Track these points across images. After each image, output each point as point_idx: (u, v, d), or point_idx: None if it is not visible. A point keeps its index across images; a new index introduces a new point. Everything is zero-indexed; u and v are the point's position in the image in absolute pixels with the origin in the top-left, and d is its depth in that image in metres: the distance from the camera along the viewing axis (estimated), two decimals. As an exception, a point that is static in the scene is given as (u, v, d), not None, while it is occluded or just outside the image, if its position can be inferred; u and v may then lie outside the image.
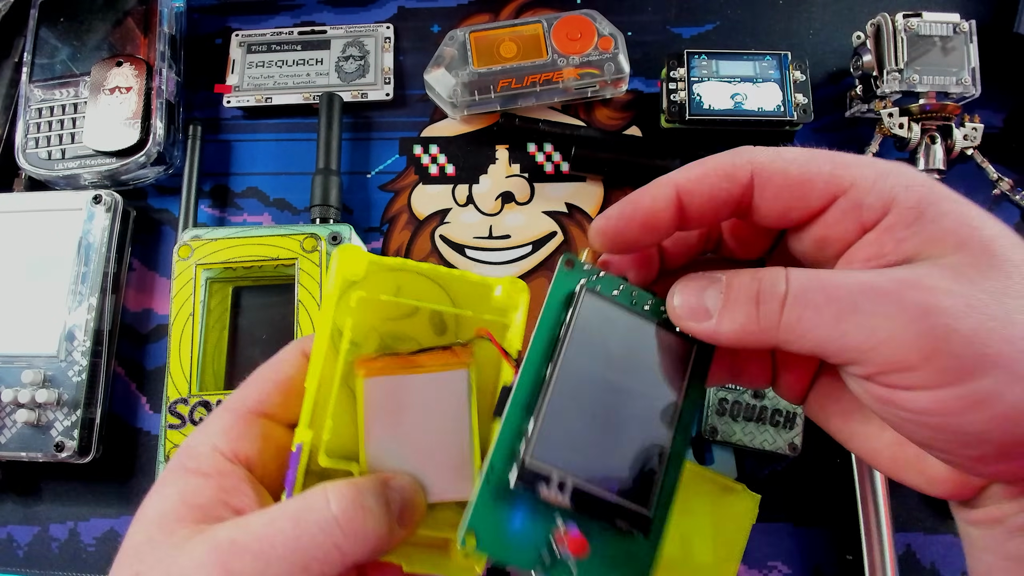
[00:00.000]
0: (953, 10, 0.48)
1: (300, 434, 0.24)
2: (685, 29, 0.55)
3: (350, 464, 0.24)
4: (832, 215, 0.22)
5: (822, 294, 0.20)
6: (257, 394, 0.25)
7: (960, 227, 0.21)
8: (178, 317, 0.43)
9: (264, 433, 0.24)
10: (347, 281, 0.25)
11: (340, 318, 0.25)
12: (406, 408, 0.25)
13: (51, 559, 0.46)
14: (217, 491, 0.22)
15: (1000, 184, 0.47)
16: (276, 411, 0.25)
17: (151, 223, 0.53)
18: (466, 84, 0.50)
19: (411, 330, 0.26)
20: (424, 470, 0.24)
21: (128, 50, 0.52)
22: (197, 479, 0.23)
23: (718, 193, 0.22)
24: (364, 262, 0.25)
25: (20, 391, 0.44)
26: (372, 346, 0.26)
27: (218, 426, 0.24)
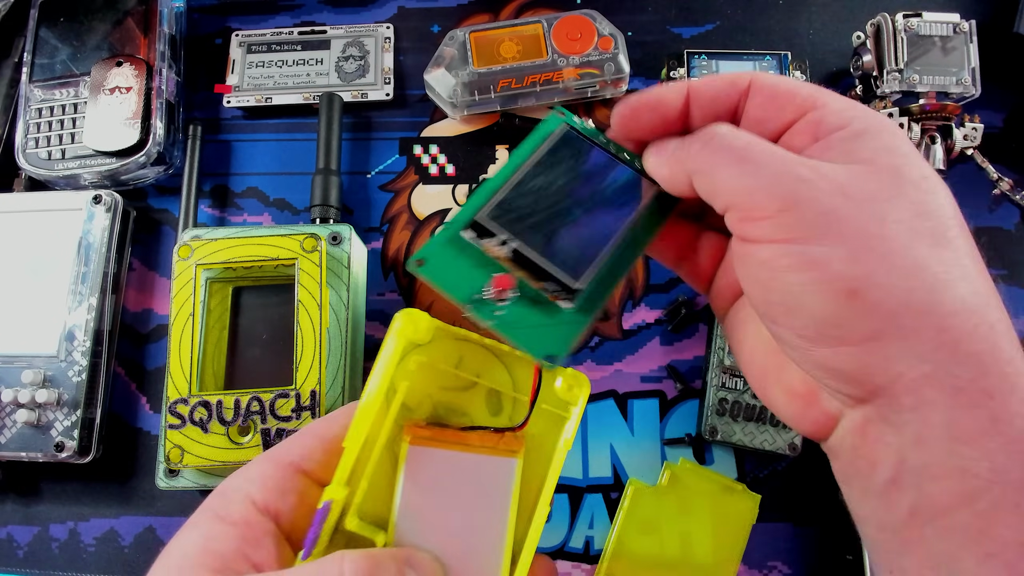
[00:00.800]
0: (953, 10, 0.48)
1: (331, 491, 0.23)
2: (685, 29, 0.55)
3: (378, 532, 0.24)
4: (798, 127, 0.24)
5: (730, 141, 0.24)
6: (301, 448, 0.25)
7: (884, 151, 0.23)
8: (178, 317, 0.43)
9: (301, 489, 0.24)
10: (411, 343, 0.24)
11: (396, 379, 0.24)
12: (446, 485, 0.24)
13: (51, 559, 0.46)
14: (240, 542, 0.22)
15: (1000, 184, 0.47)
16: (316, 469, 0.24)
17: (151, 223, 0.53)
18: (466, 84, 0.50)
19: (466, 404, 0.25)
20: (450, 554, 0.23)
21: (128, 50, 0.52)
22: (223, 527, 0.22)
23: (719, 94, 0.26)
24: (431, 327, 0.24)
25: (20, 391, 0.44)
26: (424, 413, 0.25)
27: (255, 474, 0.24)
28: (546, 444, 0.25)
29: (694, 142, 0.25)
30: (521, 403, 0.25)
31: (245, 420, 0.41)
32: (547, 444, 0.25)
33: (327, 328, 0.43)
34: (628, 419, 0.47)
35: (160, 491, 0.45)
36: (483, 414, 0.25)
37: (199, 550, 0.22)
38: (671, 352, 0.48)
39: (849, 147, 0.23)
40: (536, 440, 0.25)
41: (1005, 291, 0.48)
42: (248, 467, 0.24)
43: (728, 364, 0.45)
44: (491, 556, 0.23)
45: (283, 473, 0.24)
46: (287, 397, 0.41)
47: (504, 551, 0.24)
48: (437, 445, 0.24)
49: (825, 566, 0.44)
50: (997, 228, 0.49)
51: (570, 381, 0.24)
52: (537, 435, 0.25)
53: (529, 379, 0.25)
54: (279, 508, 0.23)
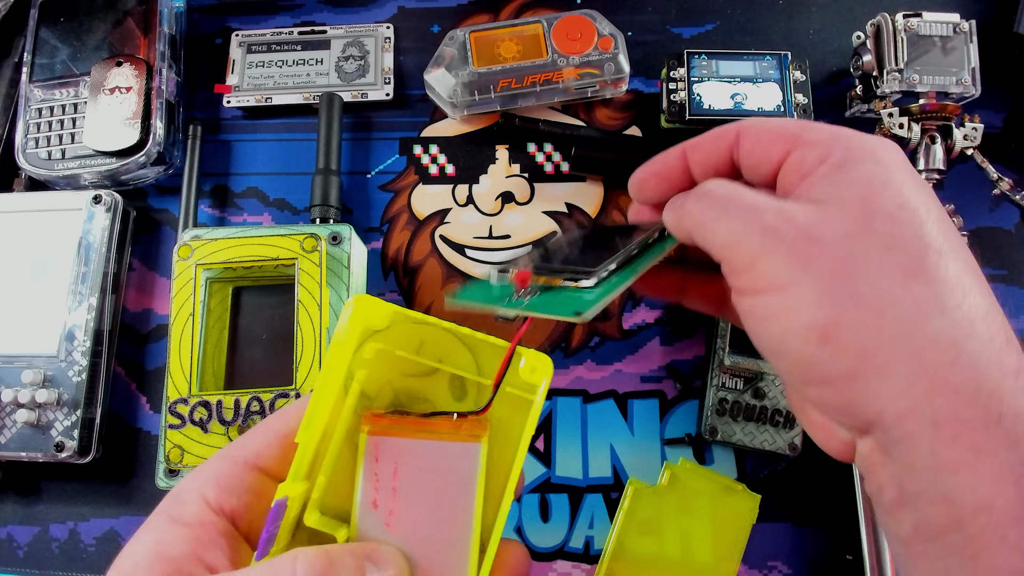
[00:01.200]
0: (953, 10, 0.48)
1: (285, 487, 0.22)
2: (685, 29, 0.55)
3: (340, 527, 0.23)
4: (786, 166, 0.25)
5: (712, 197, 0.25)
6: (256, 445, 0.24)
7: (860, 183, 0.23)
8: (178, 317, 0.43)
9: (257, 487, 0.23)
10: (367, 330, 0.24)
11: (353, 368, 0.23)
12: (408, 475, 0.23)
13: (51, 559, 0.46)
14: (192, 544, 0.22)
15: (1000, 184, 0.47)
16: (273, 466, 0.24)
17: (151, 223, 0.53)
18: (466, 84, 0.50)
19: (428, 391, 0.24)
20: (416, 545, 0.23)
21: (128, 50, 0.52)
22: (175, 529, 0.22)
23: (711, 150, 0.27)
24: (388, 312, 0.23)
25: (20, 391, 0.44)
26: (384, 402, 0.24)
27: (210, 473, 0.23)
28: (512, 428, 0.24)
29: (687, 199, 0.26)
30: (486, 388, 0.24)
31: (245, 420, 0.41)
32: (513, 428, 0.24)
33: (327, 328, 0.43)
34: (628, 419, 0.47)
35: (160, 491, 0.45)
36: (447, 400, 0.24)
37: (150, 555, 0.21)
38: (671, 352, 0.48)
39: (828, 182, 0.23)
40: (502, 424, 0.24)
41: (1005, 291, 0.48)
42: (202, 466, 0.24)
43: (728, 364, 0.45)
44: (458, 545, 0.23)
45: (238, 471, 0.23)
46: (287, 397, 0.41)
47: (472, 539, 0.23)
48: (396, 434, 0.23)
49: (825, 566, 0.44)
50: (997, 228, 0.49)
51: (533, 363, 0.23)
52: (503, 419, 0.24)
53: (494, 363, 0.24)
54: (235, 508, 0.23)
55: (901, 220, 0.22)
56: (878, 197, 0.22)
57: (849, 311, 0.21)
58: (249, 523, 0.23)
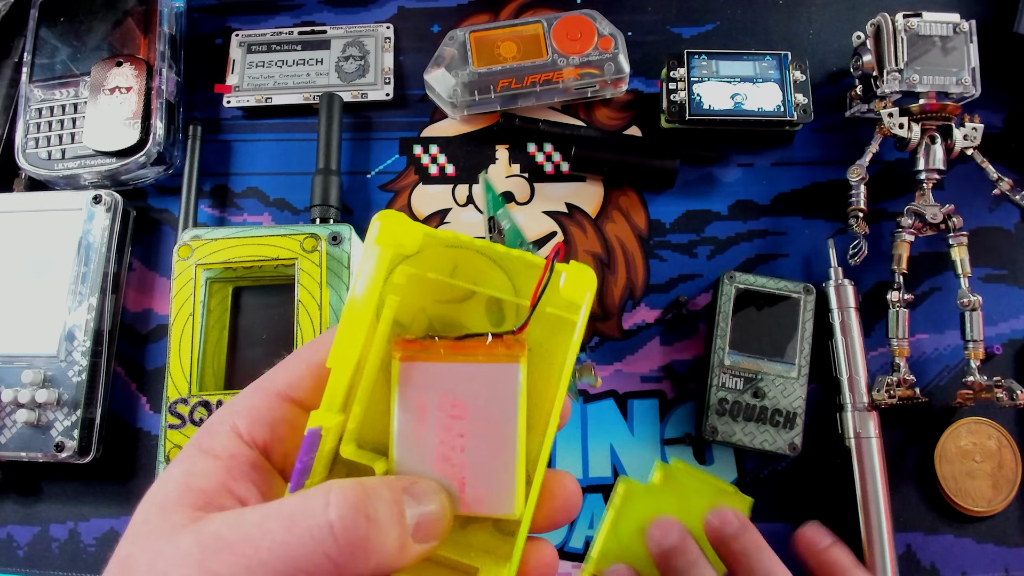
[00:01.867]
0: (953, 10, 0.48)
1: (319, 416, 0.21)
2: (685, 29, 0.55)
3: (378, 459, 0.22)
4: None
5: None
6: (287, 376, 0.23)
7: None
8: (178, 317, 0.43)
9: (290, 419, 0.22)
10: (398, 254, 0.22)
11: (385, 294, 0.22)
12: (444, 402, 0.21)
13: (51, 559, 0.46)
14: (224, 475, 0.21)
15: (1000, 184, 0.47)
16: (306, 396, 0.23)
17: (151, 223, 0.53)
18: (466, 84, 0.50)
19: (465, 317, 0.23)
20: (456, 478, 0.21)
21: (128, 50, 0.52)
22: (207, 461, 0.21)
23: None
24: (419, 234, 0.22)
25: (20, 391, 0.44)
26: (418, 329, 0.23)
27: (242, 405, 0.23)
28: (554, 351, 0.22)
29: None
30: (524, 309, 0.22)
31: (245, 420, 0.41)
32: (555, 351, 0.22)
33: (327, 328, 0.43)
34: (628, 419, 0.47)
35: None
36: (484, 326, 0.23)
37: (181, 487, 0.21)
38: (671, 352, 0.48)
39: None
40: (542, 348, 0.22)
41: (1005, 291, 0.48)
42: (233, 399, 0.23)
43: (728, 364, 0.45)
44: (503, 475, 0.21)
45: (271, 403, 0.22)
46: (287, 397, 0.41)
47: (516, 468, 0.21)
48: (430, 358, 0.22)
49: (825, 566, 0.44)
50: (997, 228, 0.49)
51: (574, 278, 0.21)
52: (543, 342, 0.22)
53: (531, 283, 0.22)
54: (267, 439, 0.22)
55: None
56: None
57: None
58: (283, 455, 0.22)
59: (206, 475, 0.21)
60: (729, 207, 0.51)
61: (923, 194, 0.47)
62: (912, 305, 0.48)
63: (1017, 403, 0.43)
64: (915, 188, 0.48)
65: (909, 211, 0.47)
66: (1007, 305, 0.48)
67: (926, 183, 0.47)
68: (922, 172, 0.47)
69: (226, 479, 0.21)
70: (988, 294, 0.47)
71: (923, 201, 0.47)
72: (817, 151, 0.52)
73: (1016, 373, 0.47)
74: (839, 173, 0.50)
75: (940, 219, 0.46)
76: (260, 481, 0.21)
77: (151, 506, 0.21)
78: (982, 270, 0.49)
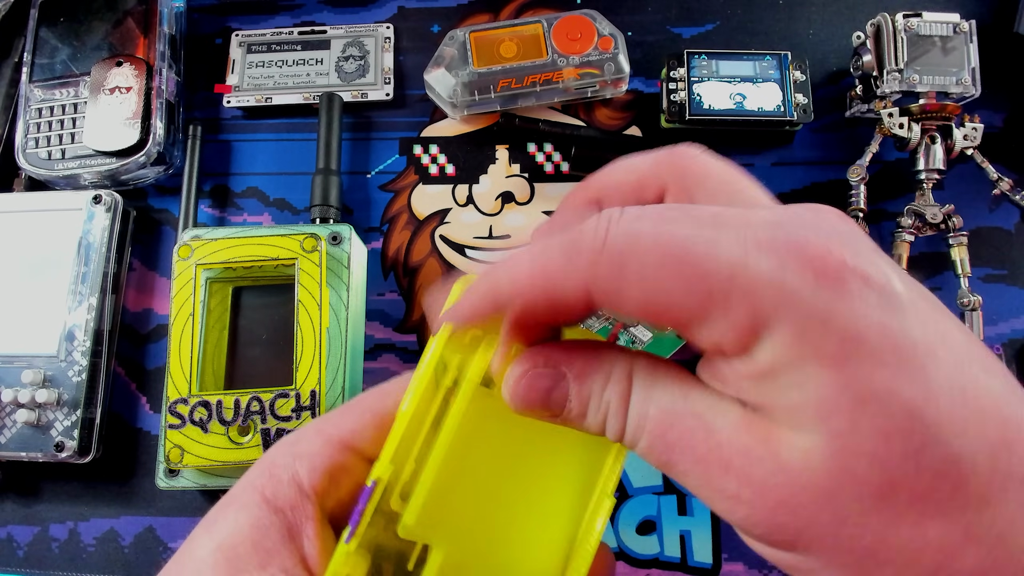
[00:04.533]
0: (953, 10, 0.48)
1: (379, 469, 0.21)
2: (685, 29, 0.55)
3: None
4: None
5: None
6: (352, 424, 0.22)
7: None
8: (178, 317, 0.43)
9: (348, 467, 0.22)
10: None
11: (447, 355, 0.22)
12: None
13: (51, 559, 0.46)
14: (285, 531, 0.21)
15: (1000, 184, 0.47)
16: (367, 447, 0.22)
17: (151, 223, 0.53)
18: (466, 84, 0.50)
19: None
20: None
21: (128, 50, 0.52)
22: (270, 514, 0.21)
23: None
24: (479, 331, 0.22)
25: (20, 391, 0.44)
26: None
27: (305, 450, 0.22)
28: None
29: None
30: None
31: (245, 420, 0.41)
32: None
33: (327, 328, 0.43)
34: (628, 419, 0.47)
35: (160, 491, 0.45)
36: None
37: (246, 541, 0.21)
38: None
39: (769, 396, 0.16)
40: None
41: (1005, 291, 0.48)
42: (297, 441, 0.23)
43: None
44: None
45: (333, 452, 0.22)
46: (287, 397, 0.41)
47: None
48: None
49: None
50: (997, 228, 0.49)
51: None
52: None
53: None
54: (326, 487, 0.22)
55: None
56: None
57: None
58: (336, 502, 0.22)
59: (272, 534, 0.21)
60: (729, 207, 0.51)
61: (923, 194, 0.47)
62: (912, 305, 0.48)
63: (1017, 403, 0.42)
64: (915, 188, 0.48)
65: (909, 211, 0.47)
66: (1007, 305, 0.48)
67: (926, 183, 0.47)
68: (922, 172, 0.47)
69: (286, 535, 0.21)
70: (988, 294, 0.47)
71: (923, 201, 0.47)
72: (817, 151, 0.52)
73: (1016, 373, 0.47)
74: (839, 173, 0.50)
75: (940, 219, 0.46)
76: (313, 533, 0.21)
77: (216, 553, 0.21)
78: (982, 270, 0.49)
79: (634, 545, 0.45)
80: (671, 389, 0.18)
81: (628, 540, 0.45)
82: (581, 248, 0.17)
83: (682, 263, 0.16)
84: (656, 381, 0.19)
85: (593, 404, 0.19)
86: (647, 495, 0.45)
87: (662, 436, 0.18)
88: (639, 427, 0.18)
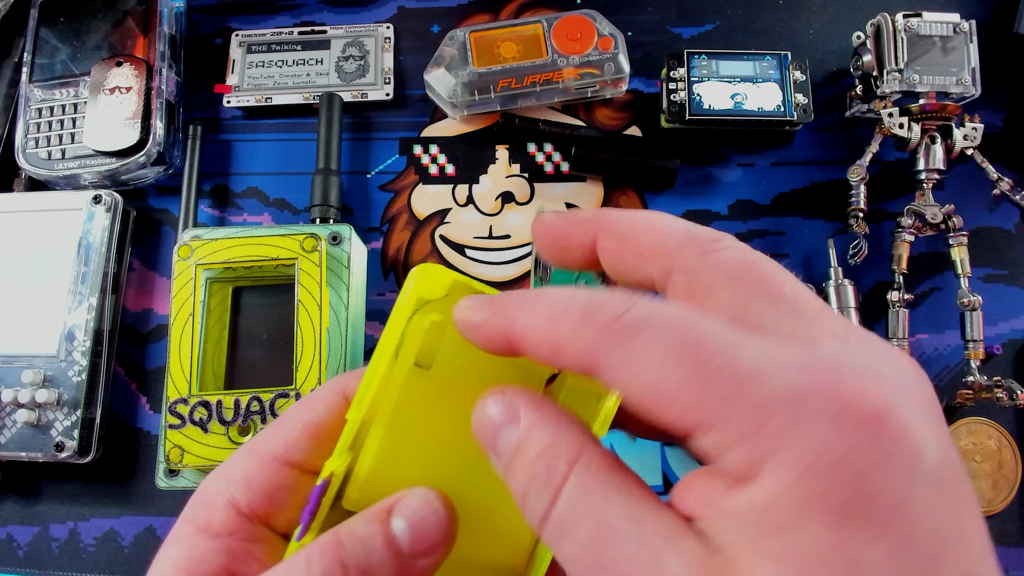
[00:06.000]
0: (953, 10, 0.48)
1: (332, 463, 0.20)
2: (685, 29, 0.55)
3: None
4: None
5: None
6: (284, 438, 0.22)
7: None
8: (178, 317, 0.43)
9: (289, 484, 0.21)
10: (421, 300, 0.21)
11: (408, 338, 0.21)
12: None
13: (51, 559, 0.46)
14: (226, 558, 0.20)
15: (1000, 184, 0.47)
16: (304, 458, 0.21)
17: (151, 223, 0.53)
18: (466, 84, 0.50)
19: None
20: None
21: (128, 50, 0.52)
22: (206, 542, 0.20)
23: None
24: (447, 281, 0.21)
25: (20, 391, 0.44)
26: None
27: (237, 473, 0.21)
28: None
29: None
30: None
31: (245, 420, 0.41)
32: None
33: (327, 328, 0.43)
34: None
35: (160, 491, 0.45)
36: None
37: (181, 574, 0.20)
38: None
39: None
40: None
41: (1005, 291, 0.48)
42: (228, 466, 0.22)
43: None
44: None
45: (268, 469, 0.21)
46: (287, 397, 0.41)
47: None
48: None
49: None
50: (997, 228, 0.49)
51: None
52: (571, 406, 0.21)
53: None
54: (268, 509, 0.21)
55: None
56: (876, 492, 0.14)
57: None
58: (286, 520, 0.21)
59: (207, 559, 0.20)
60: (729, 207, 0.51)
61: (923, 194, 0.47)
62: (912, 305, 0.48)
63: (1017, 403, 0.43)
64: (915, 188, 0.48)
65: (909, 211, 0.47)
66: (1007, 305, 0.48)
67: (926, 183, 0.47)
68: (922, 172, 0.47)
69: (228, 562, 0.20)
70: (988, 294, 0.47)
71: (923, 201, 0.47)
72: (817, 151, 0.52)
73: (1016, 373, 0.47)
74: (839, 173, 0.50)
75: (940, 219, 0.46)
76: (264, 555, 0.21)
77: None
78: (982, 270, 0.49)
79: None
80: (620, 502, 0.15)
81: (628, 540, 0.45)
82: (600, 311, 0.16)
83: (694, 359, 0.14)
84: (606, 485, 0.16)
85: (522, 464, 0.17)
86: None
87: (594, 552, 0.15)
88: (565, 527, 0.16)
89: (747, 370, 0.14)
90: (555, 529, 0.16)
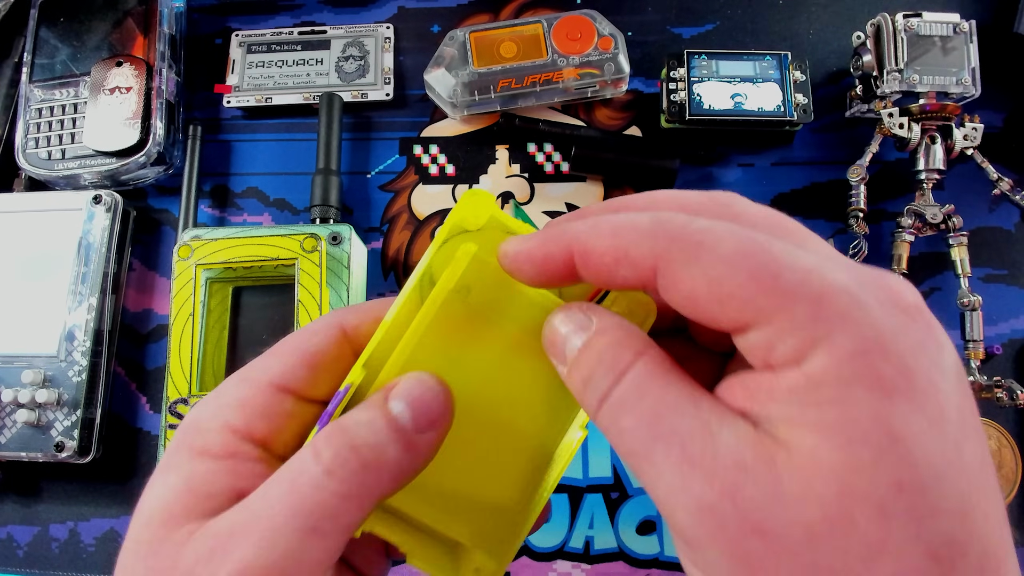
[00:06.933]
0: (953, 10, 0.48)
1: (355, 374, 0.20)
2: (685, 29, 0.55)
3: None
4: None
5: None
6: (282, 366, 0.21)
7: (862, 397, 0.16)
8: (178, 317, 0.43)
9: (288, 410, 0.20)
10: (457, 227, 0.21)
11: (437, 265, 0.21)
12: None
13: (51, 559, 0.46)
14: (231, 477, 0.19)
15: (1000, 184, 0.47)
16: (302, 387, 0.21)
17: (151, 223, 0.53)
18: (466, 84, 0.50)
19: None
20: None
21: (128, 50, 0.52)
22: (207, 463, 0.19)
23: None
24: (485, 215, 0.21)
25: (20, 391, 0.44)
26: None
27: (233, 398, 0.20)
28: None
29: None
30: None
31: (245, 420, 0.41)
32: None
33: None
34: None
35: (160, 491, 0.45)
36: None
37: (183, 495, 0.19)
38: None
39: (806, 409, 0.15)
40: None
41: (1005, 291, 0.48)
42: (220, 392, 0.21)
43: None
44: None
45: (264, 394, 0.20)
46: (287, 397, 0.41)
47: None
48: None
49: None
50: (997, 228, 0.49)
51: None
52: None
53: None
54: (267, 434, 0.20)
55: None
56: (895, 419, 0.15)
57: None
58: (286, 448, 0.20)
59: (211, 480, 0.19)
60: (729, 207, 0.51)
61: (923, 194, 0.47)
62: (912, 305, 0.48)
63: (1017, 403, 0.43)
64: (915, 188, 0.48)
65: (909, 211, 0.47)
66: (1007, 305, 0.48)
67: (926, 183, 0.48)
68: (922, 172, 0.47)
69: (234, 481, 0.19)
70: (988, 294, 0.47)
71: (923, 201, 0.47)
72: (817, 151, 0.52)
73: (1016, 373, 0.47)
74: (839, 173, 0.50)
75: (940, 219, 0.46)
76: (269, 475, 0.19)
77: (152, 521, 0.19)
78: (982, 270, 0.49)
79: (634, 545, 0.45)
80: (679, 387, 0.17)
81: (628, 540, 0.45)
82: (665, 225, 0.17)
83: (755, 259, 0.16)
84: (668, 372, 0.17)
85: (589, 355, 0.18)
86: (647, 495, 0.45)
87: (653, 423, 0.16)
88: (625, 403, 0.17)
89: (805, 268, 0.16)
90: (615, 405, 0.17)
